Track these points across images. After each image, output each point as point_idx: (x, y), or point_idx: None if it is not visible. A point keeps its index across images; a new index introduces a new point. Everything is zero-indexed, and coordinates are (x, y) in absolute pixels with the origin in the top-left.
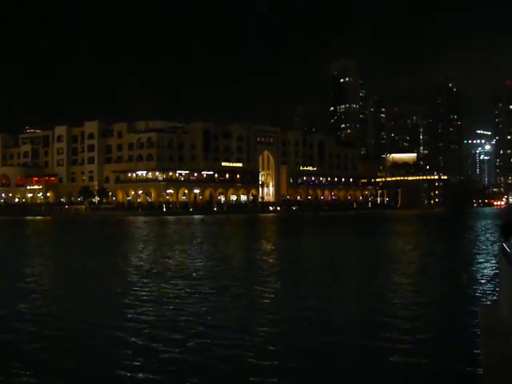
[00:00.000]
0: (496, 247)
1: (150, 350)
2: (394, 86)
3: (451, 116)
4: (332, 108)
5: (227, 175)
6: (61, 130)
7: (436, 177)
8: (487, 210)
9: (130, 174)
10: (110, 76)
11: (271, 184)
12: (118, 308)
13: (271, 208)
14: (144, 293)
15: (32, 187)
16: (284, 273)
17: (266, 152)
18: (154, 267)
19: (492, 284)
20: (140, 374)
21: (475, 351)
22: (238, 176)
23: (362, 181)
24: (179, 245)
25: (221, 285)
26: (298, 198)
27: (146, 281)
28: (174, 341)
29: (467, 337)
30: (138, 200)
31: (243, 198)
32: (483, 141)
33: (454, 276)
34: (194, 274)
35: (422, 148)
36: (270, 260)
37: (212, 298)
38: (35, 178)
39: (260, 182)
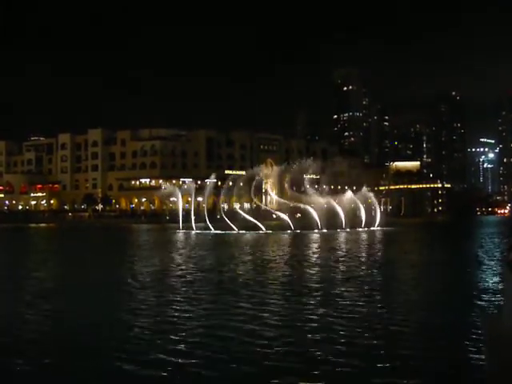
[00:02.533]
0: (499, 255)
1: (149, 350)
2: (394, 86)
3: (454, 124)
4: (335, 116)
5: (230, 183)
6: (64, 137)
7: (439, 185)
8: (491, 218)
9: (133, 182)
10: (109, 77)
11: (274, 192)
12: (118, 309)
13: (274, 216)
14: (144, 296)
15: (35, 194)
16: (284, 278)
17: (269, 160)
18: (154, 272)
19: (496, 293)
20: (140, 374)
21: (479, 361)
22: (241, 184)
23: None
24: (181, 251)
25: (221, 290)
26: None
27: (145, 284)
28: (173, 341)
29: (470, 346)
30: (142, 208)
31: (246, 205)
32: (487, 149)
33: (456, 284)
34: (193, 279)
35: (425, 156)
36: (270, 266)
37: (212, 302)
38: (39, 186)
39: (263, 190)
